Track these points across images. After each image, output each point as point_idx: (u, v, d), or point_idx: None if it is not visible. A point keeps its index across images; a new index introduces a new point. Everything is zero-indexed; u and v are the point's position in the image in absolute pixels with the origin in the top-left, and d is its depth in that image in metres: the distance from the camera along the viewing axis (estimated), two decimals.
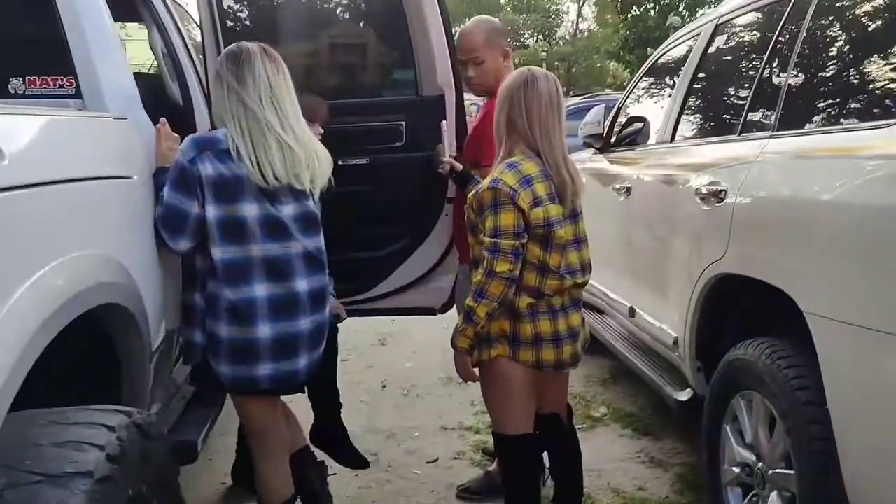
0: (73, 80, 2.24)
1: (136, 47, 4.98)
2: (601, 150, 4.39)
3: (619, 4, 29.20)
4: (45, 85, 2.24)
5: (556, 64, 31.84)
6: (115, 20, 3.39)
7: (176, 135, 2.46)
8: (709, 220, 2.72)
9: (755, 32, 3.04)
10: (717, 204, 2.65)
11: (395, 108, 3.18)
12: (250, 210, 2.24)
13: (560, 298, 2.45)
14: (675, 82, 3.66)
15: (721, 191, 2.64)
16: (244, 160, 2.20)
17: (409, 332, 5.42)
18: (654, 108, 4.02)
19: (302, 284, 2.31)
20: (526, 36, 33.74)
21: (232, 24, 3.18)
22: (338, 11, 3.36)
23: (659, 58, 4.17)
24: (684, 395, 3.01)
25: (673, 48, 3.97)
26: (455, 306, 3.28)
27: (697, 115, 3.39)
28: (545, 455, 2.78)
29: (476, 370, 2.53)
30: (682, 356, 3.04)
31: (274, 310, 2.26)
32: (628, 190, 3.70)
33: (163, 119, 2.45)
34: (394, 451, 3.66)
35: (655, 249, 3.33)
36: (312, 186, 2.34)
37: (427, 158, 3.15)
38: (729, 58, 3.26)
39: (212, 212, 2.21)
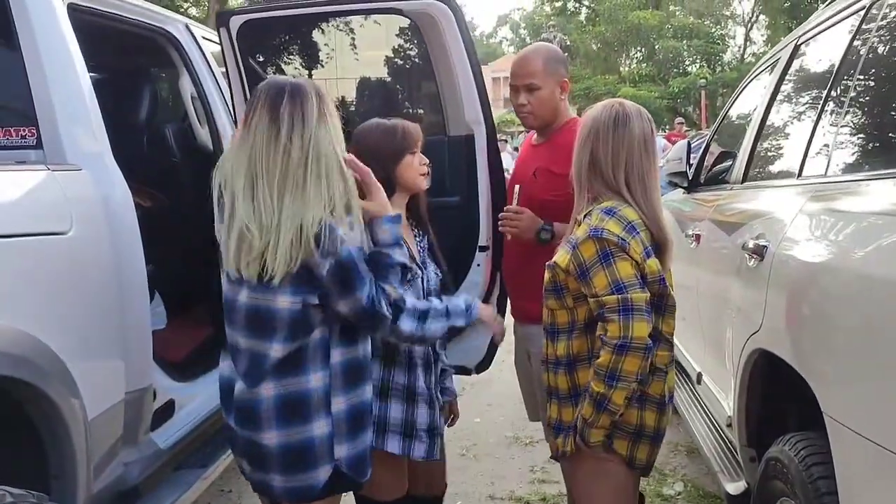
0: (34, 131, 2.19)
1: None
2: (689, 190, 3.90)
3: (793, 26, 27.40)
4: (8, 136, 2.20)
5: (720, 91, 30.26)
6: (146, 66, 3.47)
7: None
8: (751, 280, 2.24)
9: (824, 55, 2.52)
10: (760, 262, 2.18)
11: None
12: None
13: (665, 384, 2.06)
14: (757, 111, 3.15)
15: (763, 246, 2.17)
16: None
17: (490, 382, 5.08)
18: (739, 142, 3.50)
19: (239, 385, 1.92)
20: (688, 63, 32.40)
21: (255, 67, 3.09)
22: (359, 53, 3.20)
23: (749, 82, 3.65)
24: (734, 489, 2.50)
25: (761, 71, 3.45)
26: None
27: (768, 152, 2.87)
28: None
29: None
30: (735, 440, 2.54)
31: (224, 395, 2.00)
32: (698, 238, 3.22)
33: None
34: None
35: (714, 310, 2.84)
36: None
37: (455, 203, 2.90)
38: (801, 84, 2.74)
39: None
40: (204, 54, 3.24)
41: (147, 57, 3.33)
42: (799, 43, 2.80)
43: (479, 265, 2.93)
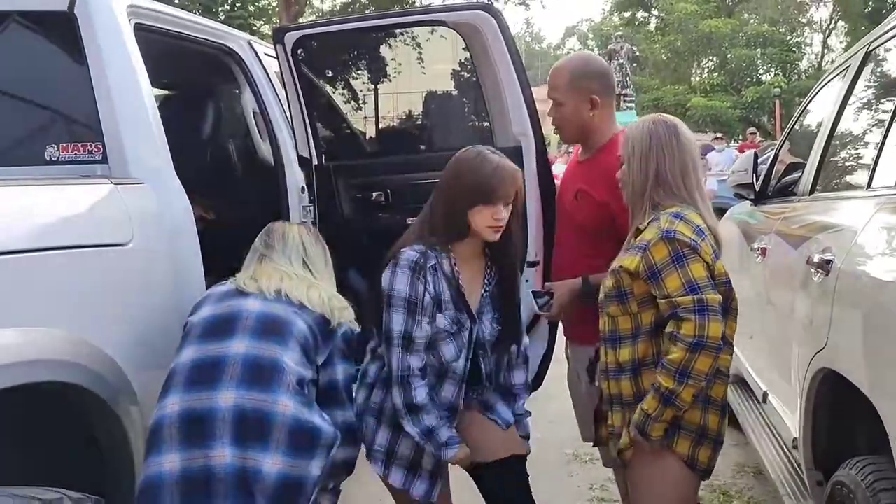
0: (100, 146, 2.27)
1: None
2: (755, 202, 3.78)
3: None
4: (76, 151, 2.29)
5: (796, 100, 29.34)
6: (210, 82, 3.57)
7: None
8: (816, 296, 2.15)
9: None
10: (825, 277, 2.09)
11: None
12: (204, 312, 2.08)
13: (725, 388, 2.08)
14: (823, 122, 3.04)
15: (829, 260, 2.08)
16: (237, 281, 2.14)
17: (551, 398, 4.99)
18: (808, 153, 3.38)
19: (226, 397, 1.86)
20: (762, 71, 31.54)
21: (311, 80, 3.13)
22: (405, 66, 3.22)
23: (819, 90, 3.52)
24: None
25: (832, 78, 3.33)
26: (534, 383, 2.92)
27: (838, 162, 2.76)
28: None
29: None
30: (801, 462, 2.43)
31: (183, 431, 1.86)
32: (763, 251, 3.12)
33: None
34: None
35: (780, 326, 2.74)
36: (311, 304, 2.10)
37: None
38: (872, 91, 2.63)
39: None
40: (266, 70, 3.31)
41: (210, 73, 3.42)
42: (870, 49, 2.69)
43: (528, 281, 2.86)
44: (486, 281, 2.25)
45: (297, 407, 1.89)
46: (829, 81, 3.36)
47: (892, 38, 2.47)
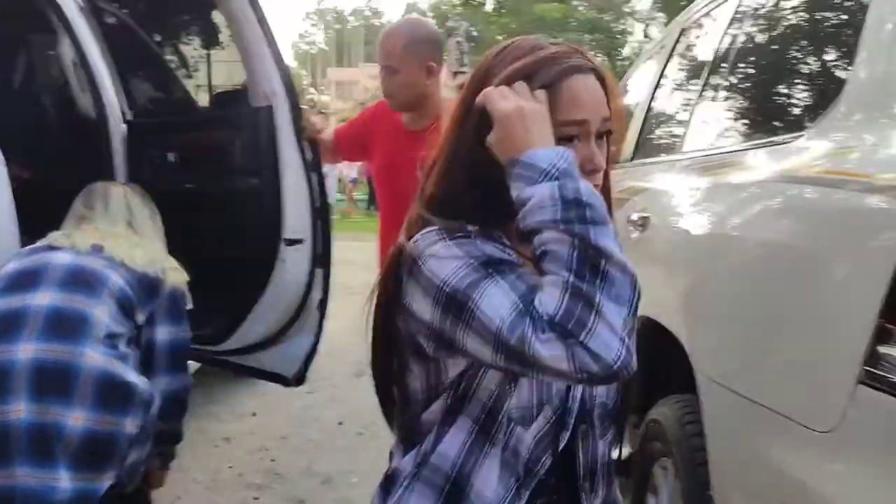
0: None
1: None
2: None
3: None
4: None
5: (619, 84, 31.02)
6: (20, 30, 3.29)
7: None
8: (634, 251, 2.31)
9: (705, 39, 2.64)
10: (642, 233, 2.26)
11: (218, 124, 2.77)
12: (9, 266, 1.95)
13: None
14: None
15: (645, 218, 2.25)
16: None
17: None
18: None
19: (25, 350, 1.76)
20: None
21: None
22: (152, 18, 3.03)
23: (639, 66, 3.78)
24: (617, 454, 2.58)
25: (651, 56, 3.57)
26: None
27: (655, 131, 2.99)
28: None
29: None
30: None
31: None
32: None
33: None
34: (325, 497, 3.33)
35: None
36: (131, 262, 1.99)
37: (253, 187, 2.63)
38: (684, 66, 2.86)
39: None
40: (86, 17, 3.08)
41: (21, 20, 3.14)
42: (684, 27, 2.91)
43: (284, 261, 2.64)
44: None
45: (107, 360, 1.80)
46: (648, 59, 3.61)
47: (702, 17, 2.70)
